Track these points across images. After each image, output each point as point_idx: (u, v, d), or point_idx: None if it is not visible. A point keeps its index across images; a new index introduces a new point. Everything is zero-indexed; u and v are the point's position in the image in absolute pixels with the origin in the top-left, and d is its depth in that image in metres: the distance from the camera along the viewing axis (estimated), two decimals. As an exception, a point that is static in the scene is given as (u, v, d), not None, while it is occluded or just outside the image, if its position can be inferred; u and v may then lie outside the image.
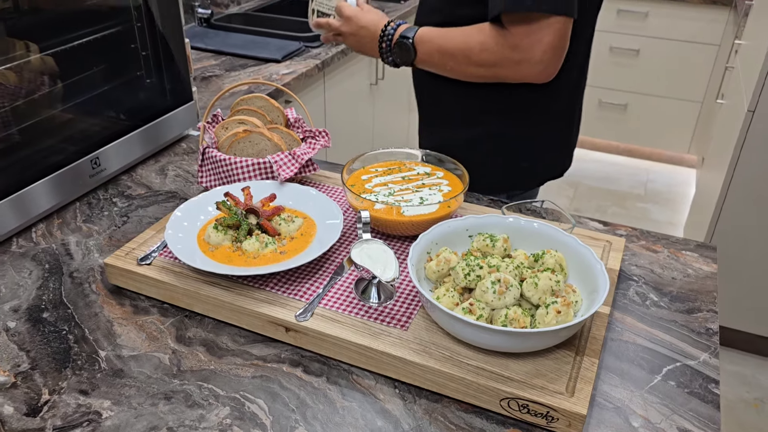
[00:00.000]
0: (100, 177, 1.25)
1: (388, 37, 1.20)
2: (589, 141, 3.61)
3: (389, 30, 1.21)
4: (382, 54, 1.23)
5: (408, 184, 1.07)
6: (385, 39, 1.21)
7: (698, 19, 2.98)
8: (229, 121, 1.15)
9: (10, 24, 1.07)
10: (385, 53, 1.22)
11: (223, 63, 1.95)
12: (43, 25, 1.13)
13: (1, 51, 1.05)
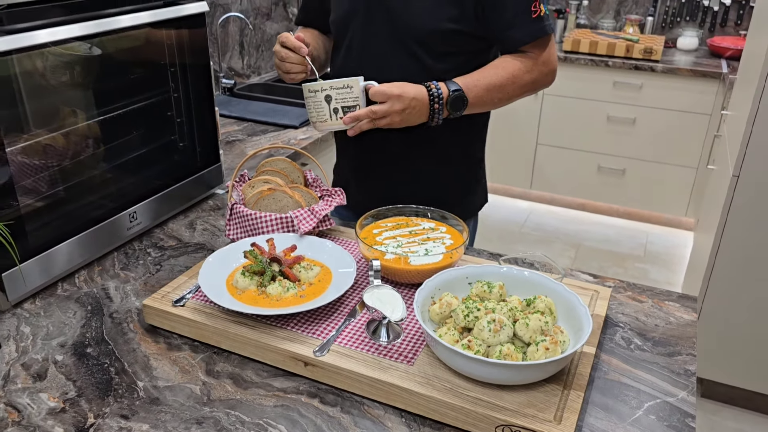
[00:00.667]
0: (136, 230, 1.38)
1: (438, 97, 1.24)
2: (590, 204, 3.75)
3: (434, 91, 1.24)
4: (432, 116, 1.26)
5: (414, 237, 1.19)
6: (436, 100, 1.24)
7: (689, 91, 3.17)
8: (255, 181, 1.29)
9: (62, 94, 1.22)
10: (436, 113, 1.26)
11: (245, 128, 2.12)
12: (90, 95, 1.29)
13: (52, 118, 1.20)
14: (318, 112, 1.27)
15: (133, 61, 1.36)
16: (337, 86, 1.24)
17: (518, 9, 1.26)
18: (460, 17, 1.27)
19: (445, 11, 1.27)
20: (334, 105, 1.25)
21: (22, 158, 1.14)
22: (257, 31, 2.67)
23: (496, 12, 1.26)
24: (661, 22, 3.65)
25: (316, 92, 1.25)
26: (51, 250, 1.19)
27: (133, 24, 1.23)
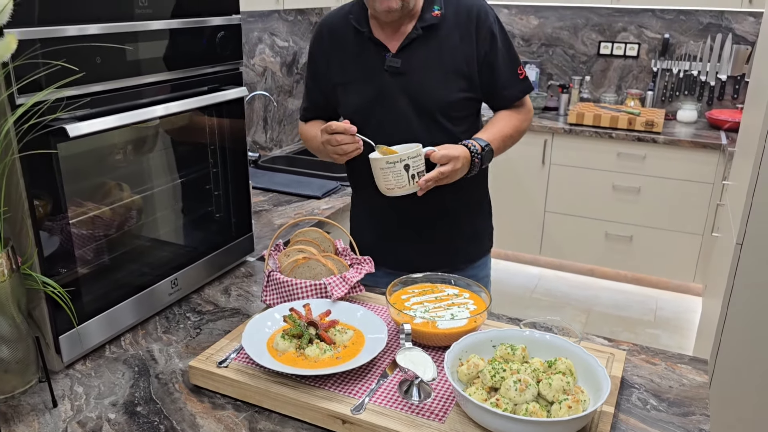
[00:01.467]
0: (176, 296, 1.48)
1: (476, 153, 1.47)
2: (599, 270, 3.82)
3: (473, 148, 1.46)
4: (472, 168, 1.47)
5: (440, 303, 1.28)
6: (476, 156, 1.47)
7: (691, 161, 3.30)
8: (290, 250, 1.39)
9: (114, 170, 1.35)
10: (476, 166, 1.48)
11: (270, 199, 2.24)
12: (140, 171, 1.41)
13: (101, 193, 1.31)
14: (397, 179, 1.39)
15: (179, 141, 1.49)
16: (412, 156, 1.39)
17: (508, 75, 1.57)
18: (469, 87, 1.53)
19: (458, 84, 1.52)
20: (412, 171, 1.39)
21: (77, 229, 1.25)
22: (280, 107, 2.84)
23: (492, 79, 1.55)
24: (660, 96, 3.83)
25: (395, 163, 1.38)
26: (101, 315, 1.28)
27: (184, 109, 1.37)
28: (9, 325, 1.03)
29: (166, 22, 1.32)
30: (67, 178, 1.17)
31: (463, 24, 1.50)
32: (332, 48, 1.59)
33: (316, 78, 1.65)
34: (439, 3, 1.51)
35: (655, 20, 3.74)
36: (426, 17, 1.50)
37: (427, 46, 1.50)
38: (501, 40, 1.54)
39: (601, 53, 3.90)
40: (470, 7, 1.51)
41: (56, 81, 1.07)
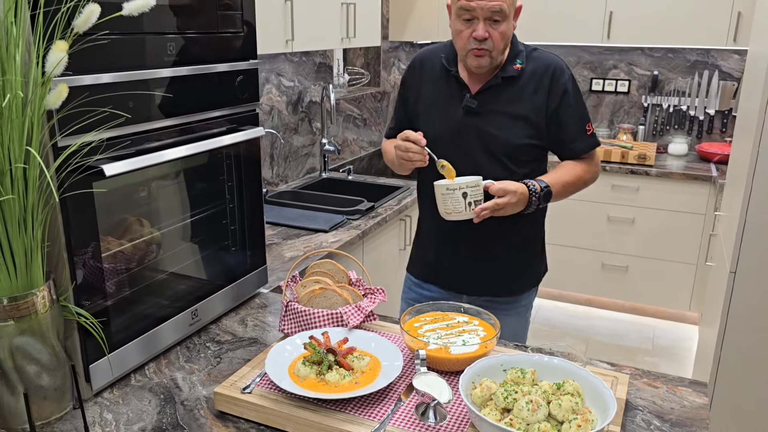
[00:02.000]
0: (196, 326, 1.54)
1: (535, 192, 1.61)
2: (597, 300, 3.89)
3: (532, 187, 1.60)
4: (529, 205, 1.61)
5: (451, 330, 1.35)
6: (535, 194, 1.60)
7: (683, 192, 3.41)
8: (307, 281, 1.46)
9: (135, 208, 1.42)
10: (533, 204, 1.61)
11: (279, 233, 2.31)
12: (164, 208, 1.49)
13: (124, 228, 1.37)
14: (455, 205, 1.56)
15: (198, 178, 1.56)
16: (472, 185, 1.55)
17: (578, 129, 1.70)
18: (535, 135, 1.68)
19: (526, 132, 1.67)
20: (469, 199, 1.55)
21: (106, 263, 1.31)
22: (286, 144, 2.93)
23: (560, 131, 1.69)
24: (651, 130, 3.96)
25: (455, 190, 1.55)
26: (127, 345, 1.34)
27: (209, 149, 1.45)
28: (49, 353, 1.09)
29: (192, 68, 1.41)
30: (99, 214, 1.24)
31: (540, 78, 1.65)
32: (422, 79, 1.77)
33: (404, 103, 1.83)
34: (522, 57, 1.67)
35: (644, 58, 3.89)
36: (508, 69, 1.66)
37: (504, 93, 1.66)
38: (573, 97, 1.67)
39: (594, 89, 4.04)
40: (548, 65, 1.67)
41: (96, 124, 1.15)
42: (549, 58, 1.69)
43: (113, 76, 1.20)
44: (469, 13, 1.56)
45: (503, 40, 1.59)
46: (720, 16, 3.37)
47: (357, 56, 3.82)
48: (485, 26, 1.56)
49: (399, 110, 1.86)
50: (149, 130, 1.32)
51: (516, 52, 1.67)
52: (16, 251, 1.01)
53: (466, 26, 1.59)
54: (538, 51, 1.71)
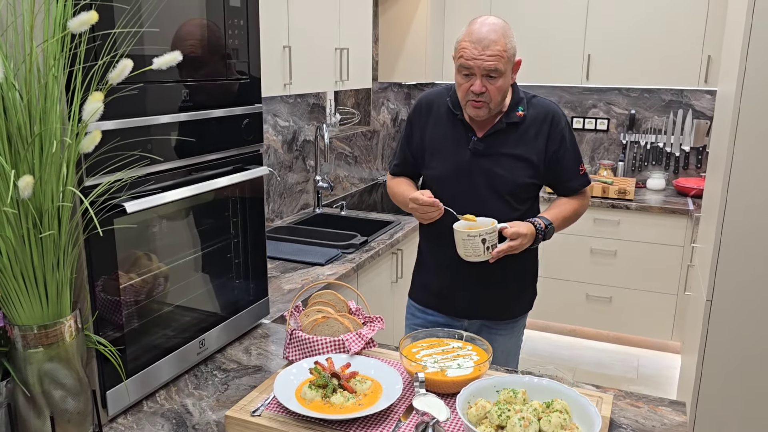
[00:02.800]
0: (203, 355, 1.61)
1: (542, 230, 1.78)
2: (582, 330, 3.99)
3: (539, 225, 1.78)
4: (535, 242, 1.78)
5: (447, 354, 1.44)
6: (541, 231, 1.78)
7: (662, 226, 3.55)
8: (310, 310, 1.55)
9: (147, 243, 1.51)
10: (539, 240, 1.79)
11: (277, 266, 2.40)
12: (169, 243, 1.57)
13: (132, 263, 1.46)
14: (475, 250, 1.72)
15: (206, 214, 1.66)
16: (490, 231, 1.71)
17: (573, 170, 1.89)
18: (535, 175, 1.85)
19: (528, 172, 1.83)
20: (488, 244, 1.72)
21: (123, 295, 1.39)
22: (281, 181, 3.04)
23: (558, 171, 1.88)
24: (630, 166, 4.12)
25: (475, 237, 1.70)
26: (141, 372, 1.42)
27: (219, 186, 1.55)
28: (74, 378, 1.16)
29: (204, 112, 1.52)
30: (122, 249, 1.33)
31: (540, 124, 1.83)
32: (428, 119, 1.91)
33: (409, 141, 1.95)
34: (524, 105, 1.83)
35: (622, 98, 4.08)
36: (511, 115, 1.82)
37: (508, 136, 1.82)
38: (569, 141, 1.86)
39: (575, 127, 4.21)
40: (547, 111, 1.84)
41: (118, 165, 1.25)
42: (548, 105, 1.86)
43: (137, 120, 1.31)
44: (467, 69, 1.72)
45: (500, 94, 1.74)
46: (691, 59, 3.58)
47: (348, 96, 3.97)
48: (482, 82, 1.70)
49: (404, 147, 1.99)
50: (165, 169, 1.42)
51: (518, 99, 1.83)
52: (49, 284, 1.10)
53: (466, 80, 1.74)
54: (537, 98, 1.88)
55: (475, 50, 1.69)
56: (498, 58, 1.68)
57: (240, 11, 1.62)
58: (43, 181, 1.03)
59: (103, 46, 1.14)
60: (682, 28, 3.57)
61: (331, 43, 2.73)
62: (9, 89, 1.01)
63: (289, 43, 2.39)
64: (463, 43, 1.72)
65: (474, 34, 1.70)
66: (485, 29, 1.69)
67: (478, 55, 1.68)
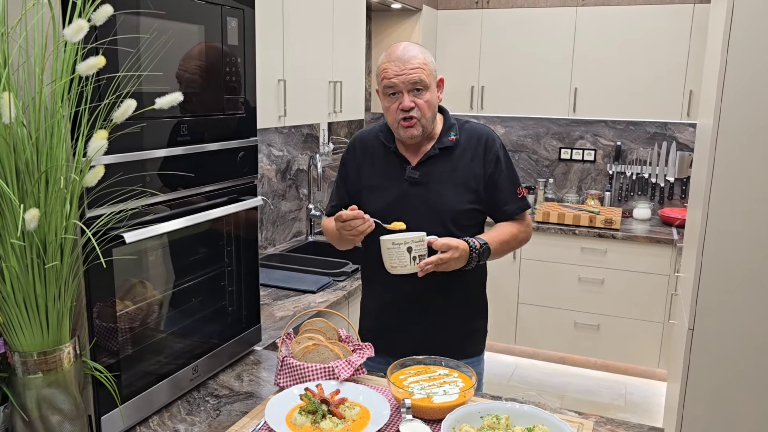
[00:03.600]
0: (196, 382, 1.65)
1: (476, 248, 1.72)
2: (570, 358, 4.03)
3: (472, 243, 1.72)
4: (470, 262, 1.71)
5: (433, 381, 1.48)
6: (475, 250, 1.72)
7: (648, 255, 3.63)
8: (301, 338, 1.60)
9: (144, 271, 1.56)
10: (473, 260, 1.72)
11: (270, 294, 2.45)
12: (162, 272, 1.62)
13: (128, 291, 1.50)
14: (400, 259, 1.64)
15: (201, 243, 1.71)
16: (416, 240, 1.64)
17: (510, 193, 1.86)
18: (476, 200, 1.82)
19: (467, 197, 1.81)
20: (414, 254, 1.64)
21: (119, 322, 1.44)
22: (274, 210, 3.10)
23: (495, 195, 1.84)
24: (617, 196, 4.21)
25: (400, 245, 1.63)
26: (136, 398, 1.45)
27: (216, 217, 1.61)
28: (71, 404, 1.20)
29: (201, 146, 1.58)
30: (119, 278, 1.38)
31: (474, 147, 1.82)
32: (362, 157, 1.91)
33: (345, 181, 1.94)
34: (455, 130, 1.84)
35: (608, 129, 4.19)
36: (443, 140, 1.82)
37: (442, 163, 1.82)
38: (504, 164, 1.85)
39: (562, 158, 4.31)
40: (480, 135, 1.84)
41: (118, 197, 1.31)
42: (481, 129, 1.87)
43: (137, 154, 1.37)
44: (392, 88, 1.73)
45: (429, 109, 1.75)
46: (674, 93, 3.69)
47: (341, 126, 4.05)
48: (409, 97, 1.73)
49: (340, 188, 1.96)
50: (163, 201, 1.48)
51: (449, 125, 1.84)
52: (50, 312, 1.15)
53: (393, 101, 1.75)
54: (470, 123, 1.88)
55: (396, 68, 1.71)
56: (420, 70, 1.70)
57: (238, 49, 1.70)
58: (48, 214, 1.09)
59: (108, 86, 1.20)
60: (664, 63, 3.69)
61: (325, 77, 2.82)
62: (18, 127, 1.07)
63: (284, 77, 2.47)
64: (383, 65, 1.75)
65: (392, 54, 1.74)
66: (401, 48, 1.74)
67: (400, 72, 1.71)
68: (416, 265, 1.64)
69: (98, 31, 1.16)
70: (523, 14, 3.97)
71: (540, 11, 3.93)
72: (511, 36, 4.01)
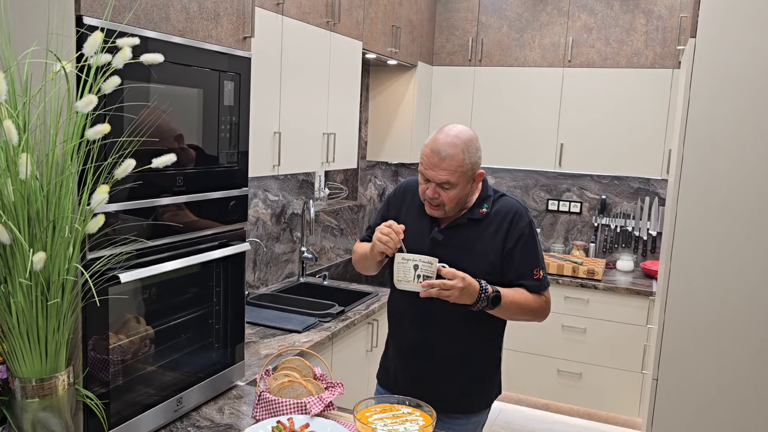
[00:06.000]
0: (180, 413, 1.78)
1: (485, 290, 1.78)
2: (553, 405, 4.11)
3: (484, 285, 1.79)
4: (477, 302, 1.78)
5: (396, 419, 1.61)
6: (483, 291, 1.78)
7: (627, 306, 3.75)
8: (278, 374, 1.74)
9: (137, 308, 1.71)
10: (480, 301, 1.78)
11: (257, 332, 2.58)
12: (156, 309, 1.77)
13: (122, 325, 1.65)
14: (406, 274, 1.75)
15: (192, 284, 1.87)
16: (424, 260, 1.75)
17: (526, 271, 1.91)
18: (491, 271, 1.89)
19: (483, 267, 1.88)
20: (419, 272, 1.74)
21: (112, 355, 1.58)
22: (268, 251, 3.26)
23: (512, 271, 1.91)
24: (602, 247, 4.36)
25: (408, 261, 1.75)
26: (122, 425, 1.59)
27: (206, 260, 1.77)
28: (63, 427, 1.34)
29: (194, 195, 1.75)
30: (114, 313, 1.53)
31: (500, 222, 1.90)
32: (404, 204, 2.04)
33: (384, 219, 1.99)
34: (489, 202, 1.92)
35: (594, 183, 4.36)
36: (475, 212, 1.91)
37: (468, 231, 1.91)
38: (527, 242, 1.90)
39: (550, 209, 4.47)
40: (509, 210, 1.92)
41: (117, 241, 1.47)
42: (512, 204, 1.93)
43: (135, 203, 1.54)
44: (424, 175, 1.85)
45: (452, 202, 1.84)
46: (654, 151, 3.87)
47: (337, 173, 4.24)
48: (435, 189, 1.83)
49: (379, 225, 2.01)
50: (158, 245, 1.64)
51: (485, 196, 1.93)
52: (50, 343, 1.29)
53: (424, 182, 1.87)
54: (504, 197, 1.95)
55: (433, 160, 1.79)
56: (450, 173, 1.78)
57: (233, 109, 1.88)
58: (53, 257, 1.25)
59: (112, 147, 1.38)
60: (645, 123, 3.88)
61: (320, 129, 3.01)
62: (33, 180, 1.24)
63: (279, 130, 2.66)
64: (426, 149, 1.83)
65: (437, 142, 1.80)
66: (447, 140, 1.79)
67: (434, 166, 1.79)
68: (419, 284, 1.74)
69: (107, 99, 1.34)
70: (514, 73, 4.20)
71: (529, 70, 4.16)
72: (501, 92, 4.22)
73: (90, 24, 1.36)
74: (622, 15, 3.93)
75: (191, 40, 1.69)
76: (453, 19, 4.34)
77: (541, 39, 4.13)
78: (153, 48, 1.51)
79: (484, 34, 4.27)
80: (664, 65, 3.84)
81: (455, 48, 4.34)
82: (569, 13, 4.06)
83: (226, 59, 1.83)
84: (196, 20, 1.72)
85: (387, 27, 3.63)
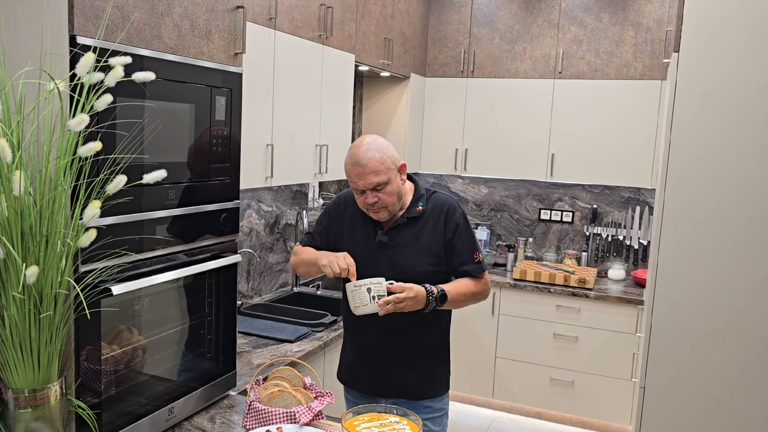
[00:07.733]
0: (172, 422, 1.81)
1: (432, 293, 1.91)
2: (546, 413, 4.13)
3: (429, 288, 1.91)
4: (427, 304, 1.90)
5: (384, 428, 1.64)
6: (431, 294, 1.91)
7: (618, 314, 3.78)
8: (268, 384, 1.76)
9: (130, 319, 1.74)
10: (430, 303, 1.91)
11: (250, 342, 2.61)
12: (148, 320, 1.80)
13: (114, 336, 1.68)
14: (361, 299, 1.84)
15: (184, 295, 1.90)
16: (375, 282, 1.84)
17: (467, 256, 2.06)
18: (436, 263, 2.04)
19: (428, 260, 2.03)
20: (373, 294, 1.84)
21: (104, 366, 1.61)
22: (261, 261, 3.29)
23: (452, 257, 2.06)
24: (593, 256, 4.40)
25: (361, 286, 1.84)
26: (114, 435, 1.61)
27: (198, 272, 1.80)
28: (55, 437, 1.37)
29: (186, 209, 1.79)
30: (106, 324, 1.56)
31: (437, 216, 2.05)
32: (345, 215, 2.13)
33: (326, 232, 2.15)
34: (423, 201, 2.07)
35: (585, 193, 4.41)
36: (412, 211, 2.05)
37: (409, 229, 2.04)
38: (463, 230, 2.06)
39: (542, 218, 4.51)
40: (443, 204, 2.07)
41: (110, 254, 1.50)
42: (444, 200, 2.09)
43: (128, 217, 1.57)
44: (356, 187, 1.96)
45: (392, 198, 1.96)
46: (644, 161, 3.92)
47: (331, 183, 4.28)
48: (371, 194, 1.94)
49: (321, 234, 2.16)
50: (149, 257, 1.67)
51: (419, 196, 2.07)
52: (42, 354, 1.32)
53: (360, 195, 1.98)
54: (437, 194, 2.11)
55: (357, 172, 1.92)
56: (376, 173, 1.90)
57: (225, 123, 1.92)
58: (46, 270, 1.28)
59: (104, 163, 1.41)
60: (635, 133, 3.93)
61: (312, 141, 3.05)
62: (26, 196, 1.27)
63: (272, 142, 2.70)
64: (347, 167, 1.96)
65: (354, 157, 1.93)
66: (361, 151, 1.92)
67: (360, 176, 1.91)
68: (376, 304, 1.84)
69: (99, 116, 1.38)
70: (505, 84, 4.25)
71: (521, 81, 4.21)
72: (493, 103, 4.27)
73: (83, 43, 1.40)
74: (611, 27, 3.99)
75: (183, 57, 1.74)
76: (445, 31, 4.39)
77: (532, 51, 4.19)
78: (145, 66, 1.55)
79: (476, 46, 4.32)
80: (652, 77, 3.90)
81: (447, 59, 4.40)
82: (559, 26, 4.12)
83: (218, 75, 1.87)
84: (187, 38, 1.76)
85: (379, 39, 3.67)
